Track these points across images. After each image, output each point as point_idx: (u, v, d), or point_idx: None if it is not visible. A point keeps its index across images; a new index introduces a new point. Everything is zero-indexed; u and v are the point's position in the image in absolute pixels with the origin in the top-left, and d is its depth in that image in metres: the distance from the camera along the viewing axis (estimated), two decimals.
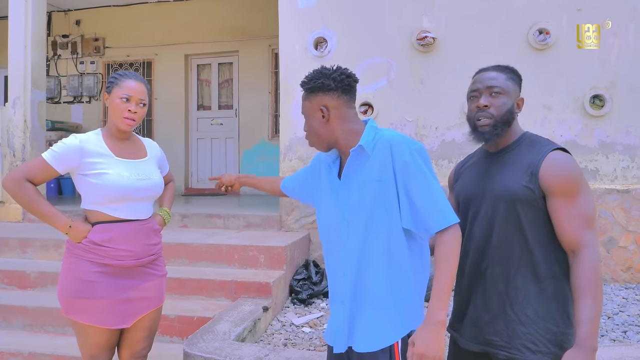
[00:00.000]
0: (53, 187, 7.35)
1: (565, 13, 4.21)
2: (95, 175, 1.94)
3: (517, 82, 1.70)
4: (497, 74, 1.67)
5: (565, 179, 1.53)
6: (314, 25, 4.54)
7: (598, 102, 4.18)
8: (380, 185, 1.54)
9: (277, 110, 7.42)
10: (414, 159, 1.51)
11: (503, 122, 1.63)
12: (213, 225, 4.74)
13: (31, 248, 4.24)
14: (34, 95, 5.26)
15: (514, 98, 1.66)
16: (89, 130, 2.22)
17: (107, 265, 1.95)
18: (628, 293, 3.90)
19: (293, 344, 3.12)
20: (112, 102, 2.00)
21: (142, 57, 8.05)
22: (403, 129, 4.41)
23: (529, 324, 1.56)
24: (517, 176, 1.59)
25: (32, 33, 5.26)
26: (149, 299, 2.06)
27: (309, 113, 1.64)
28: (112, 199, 1.96)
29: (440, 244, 1.49)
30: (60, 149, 1.95)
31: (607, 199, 4.15)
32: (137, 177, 2.02)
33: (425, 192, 1.50)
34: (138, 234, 2.02)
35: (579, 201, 1.52)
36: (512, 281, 1.60)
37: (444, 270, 1.47)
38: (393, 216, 1.54)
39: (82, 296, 1.93)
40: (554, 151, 1.58)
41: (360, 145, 1.58)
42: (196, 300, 3.52)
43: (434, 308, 1.45)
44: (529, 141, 1.65)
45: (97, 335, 1.97)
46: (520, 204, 1.57)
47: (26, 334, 3.33)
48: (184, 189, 7.78)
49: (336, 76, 1.59)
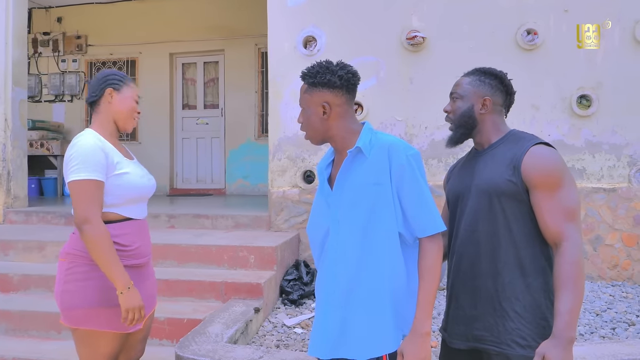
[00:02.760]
0: (34, 188, 7.17)
1: (553, 14, 4.25)
2: (117, 176, 1.87)
3: (486, 82, 1.72)
4: (462, 79, 1.75)
5: (546, 172, 1.55)
6: (304, 23, 4.51)
7: (585, 102, 4.23)
8: (377, 189, 1.53)
9: (263, 110, 7.38)
10: (409, 164, 1.53)
11: (460, 125, 1.72)
12: (201, 226, 4.67)
13: (13, 250, 4.13)
14: (15, 93, 5.13)
15: (475, 99, 1.70)
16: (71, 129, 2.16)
17: (127, 267, 1.86)
18: (615, 290, 3.95)
19: (285, 345, 3.08)
20: (123, 99, 1.95)
21: (126, 56, 7.92)
22: (392, 128, 4.40)
23: (518, 319, 1.57)
24: (500, 170, 1.61)
25: (13, 29, 5.12)
26: (150, 299, 2.03)
27: (309, 107, 1.61)
28: (132, 200, 1.92)
29: (423, 253, 1.53)
30: (88, 159, 1.81)
31: (594, 197, 4.20)
32: (147, 177, 2.03)
33: (416, 198, 1.52)
34: (142, 231, 1.99)
35: (561, 194, 1.54)
36: (499, 277, 1.61)
37: (428, 280, 1.51)
38: (390, 220, 1.53)
39: (105, 305, 1.83)
40: (536, 145, 1.60)
41: (357, 147, 1.57)
42: (186, 302, 3.46)
43: (420, 319, 1.49)
44: (514, 137, 1.68)
45: (111, 342, 1.88)
46: (504, 198, 1.59)
47: (9, 339, 3.23)
48: (168, 189, 7.68)
49: (343, 74, 1.57)
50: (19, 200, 5.17)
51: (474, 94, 1.71)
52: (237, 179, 7.46)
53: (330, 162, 1.70)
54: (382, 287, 1.54)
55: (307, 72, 1.61)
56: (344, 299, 1.56)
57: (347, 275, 1.56)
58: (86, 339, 1.88)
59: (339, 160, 1.65)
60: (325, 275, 1.63)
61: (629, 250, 4.16)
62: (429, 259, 1.52)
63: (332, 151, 1.71)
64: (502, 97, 1.74)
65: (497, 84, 1.73)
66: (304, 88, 1.63)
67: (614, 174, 4.21)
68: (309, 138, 1.66)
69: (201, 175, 7.82)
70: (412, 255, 1.57)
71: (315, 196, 1.73)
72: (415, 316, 1.50)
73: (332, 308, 1.58)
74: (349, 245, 1.56)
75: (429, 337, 1.49)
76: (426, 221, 1.52)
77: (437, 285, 1.52)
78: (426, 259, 1.52)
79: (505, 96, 1.75)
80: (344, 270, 1.57)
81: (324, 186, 1.66)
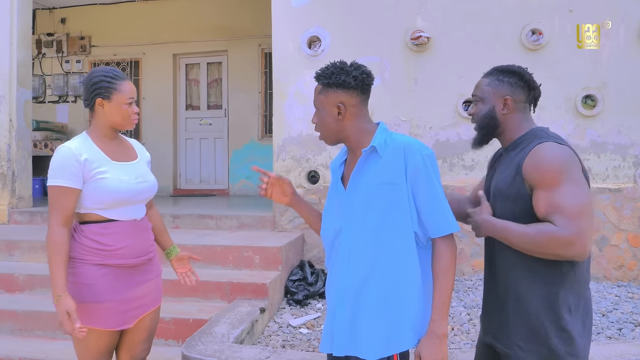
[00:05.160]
0: (38, 189, 7.17)
1: (558, 14, 4.24)
2: (95, 180, 1.88)
3: (505, 81, 1.69)
4: (482, 80, 1.76)
5: (543, 170, 1.51)
6: (308, 24, 4.51)
7: (590, 102, 4.22)
8: (392, 188, 1.53)
9: (267, 110, 7.37)
10: (424, 164, 1.53)
11: (482, 127, 1.72)
12: (205, 226, 4.67)
13: (18, 250, 4.14)
14: (20, 94, 5.14)
15: (496, 100, 1.68)
16: (75, 130, 2.16)
17: (109, 266, 1.90)
18: (620, 291, 3.94)
19: (291, 346, 3.08)
20: (116, 108, 1.94)
21: (129, 56, 7.92)
22: (397, 128, 4.40)
23: (519, 319, 1.57)
24: (507, 173, 1.62)
25: (18, 30, 5.13)
26: (148, 298, 2.02)
27: (323, 107, 1.61)
28: (113, 203, 1.91)
29: (438, 254, 1.53)
30: (61, 166, 1.85)
31: (599, 198, 4.19)
32: (136, 180, 1.98)
33: (430, 198, 1.53)
34: (134, 232, 1.98)
35: (561, 192, 1.48)
36: (509, 277, 1.61)
37: (443, 282, 1.51)
38: (405, 219, 1.53)
39: (86, 300, 1.86)
40: (542, 143, 1.56)
41: (372, 146, 1.57)
42: (191, 302, 3.46)
43: (436, 320, 1.50)
44: (532, 136, 1.65)
45: (99, 339, 1.91)
46: (510, 201, 1.59)
47: (16, 339, 3.24)
48: (172, 189, 7.68)
49: (357, 75, 1.56)
50: (24, 201, 5.18)
51: (494, 94, 1.69)
52: (241, 179, 7.46)
53: (343, 162, 1.70)
54: (395, 287, 1.54)
55: (321, 73, 1.60)
56: (356, 297, 1.56)
57: (360, 274, 1.56)
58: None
59: (352, 160, 1.64)
60: (336, 273, 1.63)
61: (634, 250, 4.15)
62: (443, 260, 1.52)
63: (345, 150, 1.70)
64: (524, 93, 1.70)
65: (516, 81, 1.69)
66: (319, 89, 1.62)
67: (619, 174, 4.20)
68: (324, 138, 1.66)
69: (204, 176, 7.82)
70: (426, 256, 1.57)
71: (327, 195, 1.73)
72: (431, 318, 1.51)
73: (343, 306, 1.58)
74: (362, 244, 1.56)
75: (446, 338, 1.50)
76: (440, 221, 1.52)
77: (452, 287, 1.52)
78: (441, 260, 1.52)
79: (528, 91, 1.70)
80: (356, 269, 1.57)
81: (338, 185, 1.66)
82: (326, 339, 1.63)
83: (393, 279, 1.54)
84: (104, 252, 1.90)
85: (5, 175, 5.03)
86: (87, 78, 1.98)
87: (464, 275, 4.26)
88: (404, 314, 1.53)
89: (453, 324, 3.34)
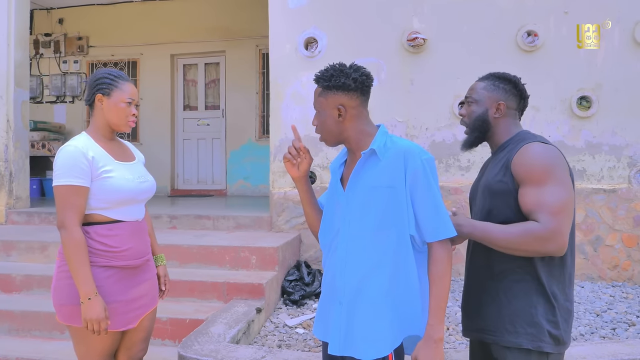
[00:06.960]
0: (35, 189, 7.18)
1: (553, 15, 4.27)
2: (102, 179, 1.89)
3: (500, 87, 1.76)
4: (477, 83, 1.81)
5: (530, 167, 1.58)
6: (305, 25, 4.53)
7: (585, 104, 4.24)
8: (391, 192, 1.55)
9: (264, 111, 7.39)
10: (424, 168, 1.54)
11: (474, 128, 1.78)
12: (202, 227, 4.68)
13: (15, 251, 4.14)
14: (17, 94, 5.14)
15: (490, 104, 1.75)
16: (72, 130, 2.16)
17: (115, 268, 1.91)
18: (615, 291, 3.96)
19: (287, 346, 3.10)
20: (114, 105, 1.95)
21: (127, 57, 7.94)
22: (393, 129, 4.41)
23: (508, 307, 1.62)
24: (495, 172, 1.68)
25: (15, 31, 5.13)
26: (148, 298, 2.04)
27: (324, 109, 1.62)
28: (119, 202, 1.93)
29: (434, 258, 1.54)
30: (69, 164, 1.84)
31: (594, 198, 4.21)
32: (139, 180, 2.01)
33: (428, 202, 1.54)
34: (136, 233, 2.00)
35: (546, 190, 1.55)
36: (494, 269, 1.66)
37: (439, 286, 1.52)
38: (402, 222, 1.55)
39: None
40: (530, 143, 1.63)
41: (372, 149, 1.58)
42: (187, 302, 3.47)
43: (433, 325, 1.51)
44: (519, 139, 1.71)
45: (103, 341, 1.91)
46: (498, 198, 1.64)
47: (12, 339, 3.24)
48: (169, 190, 7.69)
49: (357, 76, 1.57)
50: (21, 201, 5.19)
51: (489, 98, 1.76)
52: (238, 179, 7.48)
53: (343, 162, 1.71)
54: (391, 288, 1.55)
55: (321, 76, 1.61)
56: (353, 298, 1.57)
57: (358, 275, 1.58)
58: (79, 336, 1.91)
59: (352, 161, 1.66)
60: (333, 274, 1.64)
61: (629, 250, 4.17)
62: (439, 265, 1.53)
63: (345, 151, 1.72)
64: (516, 101, 1.78)
65: (511, 89, 1.77)
66: (318, 91, 1.63)
67: (614, 175, 4.23)
68: (324, 140, 1.67)
69: (202, 176, 7.84)
70: (421, 259, 1.59)
71: (327, 195, 1.75)
72: (428, 322, 1.52)
73: (340, 307, 1.59)
74: (359, 245, 1.58)
75: (442, 342, 1.52)
76: (437, 226, 1.53)
77: (448, 291, 1.54)
78: (437, 265, 1.53)
79: (519, 100, 1.79)
80: (354, 270, 1.58)
81: (337, 186, 1.68)
82: (320, 328, 1.70)
83: (390, 280, 1.55)
84: (110, 254, 1.90)
85: (2, 175, 5.03)
86: (92, 76, 2.02)
87: (460, 276, 4.27)
88: (401, 315, 1.55)
89: (448, 323, 3.36)
